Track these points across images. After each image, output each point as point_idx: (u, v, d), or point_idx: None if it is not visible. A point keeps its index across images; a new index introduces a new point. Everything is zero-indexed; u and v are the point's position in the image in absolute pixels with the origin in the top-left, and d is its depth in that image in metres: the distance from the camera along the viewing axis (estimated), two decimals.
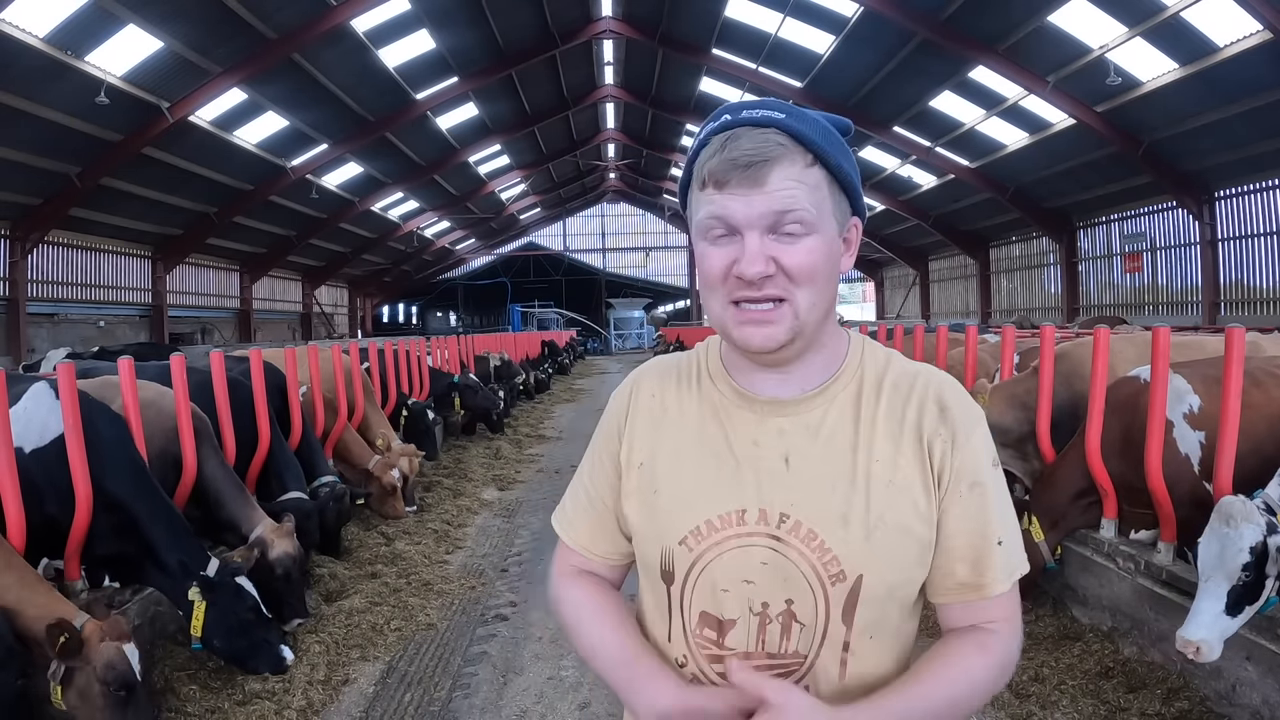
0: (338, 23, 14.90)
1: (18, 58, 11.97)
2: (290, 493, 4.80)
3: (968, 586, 1.00)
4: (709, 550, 1.00)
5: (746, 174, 0.93)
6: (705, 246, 0.98)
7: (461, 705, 3.43)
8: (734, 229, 0.95)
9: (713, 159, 0.95)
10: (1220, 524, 2.69)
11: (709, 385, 1.08)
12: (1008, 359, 4.97)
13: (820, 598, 0.98)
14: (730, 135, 0.95)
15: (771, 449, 1.01)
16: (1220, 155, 15.34)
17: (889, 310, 34.80)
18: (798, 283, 0.94)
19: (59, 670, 2.69)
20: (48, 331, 18.16)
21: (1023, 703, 3.21)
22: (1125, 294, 20.42)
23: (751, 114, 0.97)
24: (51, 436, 3.35)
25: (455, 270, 44.98)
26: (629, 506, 1.08)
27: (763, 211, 0.93)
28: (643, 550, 1.07)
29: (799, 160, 0.94)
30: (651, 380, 1.13)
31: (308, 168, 21.06)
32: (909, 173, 23.46)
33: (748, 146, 0.93)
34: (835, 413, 1.02)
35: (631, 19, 20.10)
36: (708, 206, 0.96)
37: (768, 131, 0.94)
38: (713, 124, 0.99)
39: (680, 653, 1.04)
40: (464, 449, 9.49)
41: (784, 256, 0.94)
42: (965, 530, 0.99)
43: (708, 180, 0.95)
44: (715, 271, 0.97)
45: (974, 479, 1.00)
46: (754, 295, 0.95)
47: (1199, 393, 3.52)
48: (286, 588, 3.84)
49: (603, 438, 1.14)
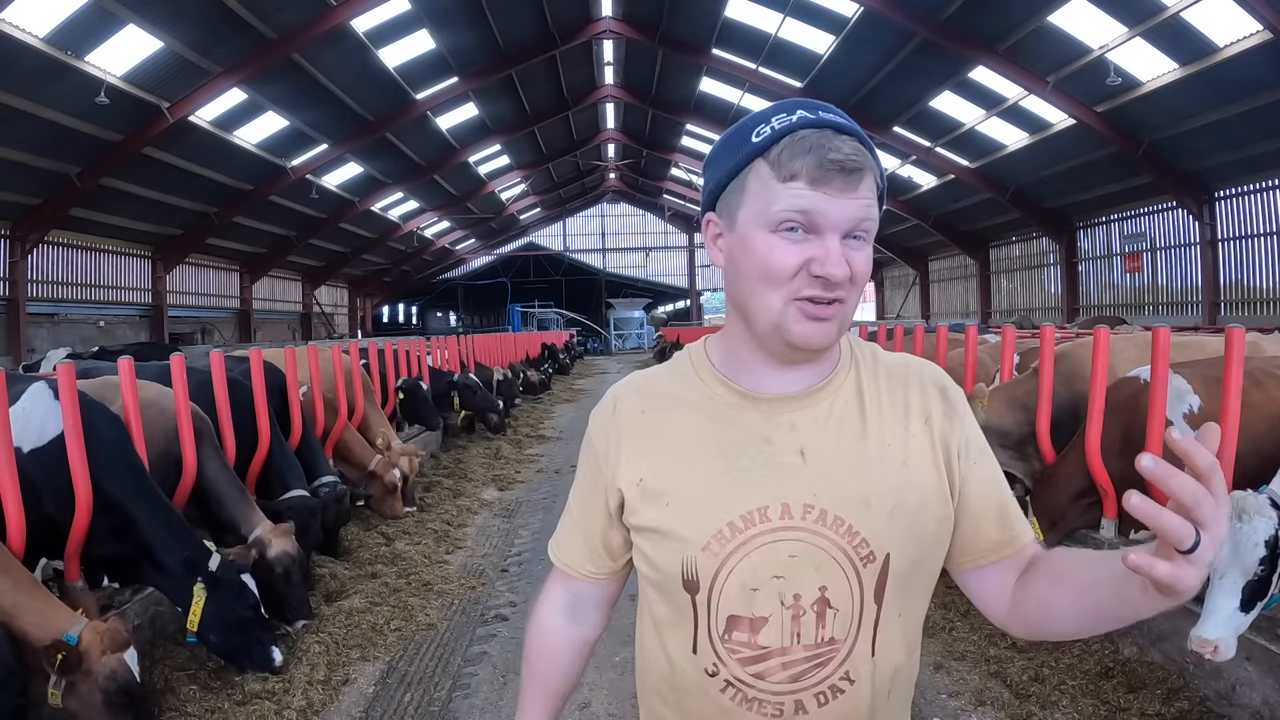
0: (338, 23, 14.90)
1: (18, 58, 11.97)
2: (292, 491, 4.80)
3: (1001, 543, 1.04)
4: (735, 552, 1.00)
5: (846, 178, 0.94)
6: (773, 239, 0.96)
7: (461, 705, 3.43)
8: (814, 227, 0.95)
9: (807, 155, 0.94)
10: (1232, 519, 2.67)
11: (705, 391, 1.07)
12: (1008, 359, 4.97)
13: (854, 580, 0.99)
14: (822, 134, 0.95)
15: (785, 444, 1.02)
16: (1220, 155, 15.34)
17: (889, 310, 34.81)
18: (855, 286, 0.98)
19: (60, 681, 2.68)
20: (48, 331, 18.16)
21: (1023, 703, 3.21)
22: (1125, 294, 20.42)
23: (832, 117, 0.97)
24: (50, 437, 3.35)
25: (455, 270, 44.98)
26: (637, 523, 1.06)
27: (851, 216, 0.95)
28: (657, 564, 1.05)
29: (874, 173, 0.98)
30: (635, 397, 1.12)
31: (308, 168, 21.07)
32: (909, 173, 23.47)
33: (849, 152, 0.94)
34: (841, 403, 1.05)
35: (631, 19, 20.11)
36: (792, 200, 0.94)
37: (854, 140, 0.96)
38: (788, 117, 0.97)
39: (710, 661, 1.02)
40: (464, 449, 9.49)
41: (855, 263, 0.96)
42: (986, 494, 1.05)
43: (799, 174, 0.94)
44: (787, 266, 0.95)
45: (980, 447, 1.07)
46: (825, 295, 0.96)
47: (1199, 393, 3.52)
48: (287, 588, 3.84)
49: (589, 462, 1.14)
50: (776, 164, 0.96)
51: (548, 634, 1.21)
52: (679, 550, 1.02)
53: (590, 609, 1.20)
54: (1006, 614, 1.04)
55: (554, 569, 1.21)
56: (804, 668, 0.99)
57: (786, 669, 0.99)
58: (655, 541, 1.05)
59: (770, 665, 0.99)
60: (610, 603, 1.21)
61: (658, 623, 1.08)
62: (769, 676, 0.99)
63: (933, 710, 3.30)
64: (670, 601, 1.05)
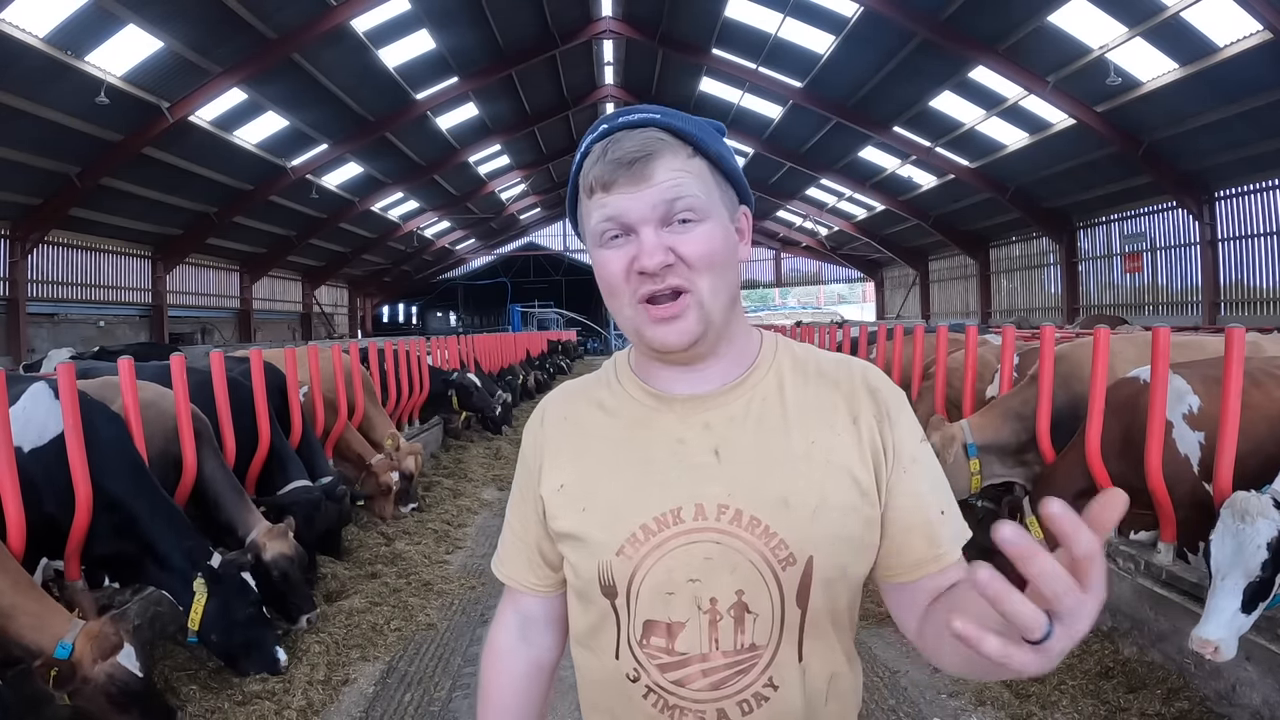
0: (338, 23, 14.89)
1: (18, 58, 11.96)
2: (294, 483, 4.80)
3: (924, 560, 0.99)
4: (649, 555, 0.97)
5: (631, 170, 0.93)
6: (602, 253, 0.97)
7: (461, 705, 3.43)
8: (628, 227, 0.95)
9: (596, 165, 0.96)
10: (1235, 520, 2.65)
11: (623, 394, 1.07)
12: (1007, 360, 4.97)
13: (772, 584, 0.96)
14: (610, 140, 0.96)
15: (699, 444, 1.00)
16: (1220, 155, 15.34)
17: (889, 310, 34.80)
18: (698, 270, 0.94)
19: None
20: (48, 331, 18.16)
21: (1023, 703, 3.21)
22: (1125, 294, 20.42)
23: (628, 118, 0.98)
24: (50, 436, 3.35)
25: (455, 270, 44.96)
26: (559, 529, 1.05)
27: (654, 203, 0.93)
28: (578, 570, 1.03)
29: (680, 152, 0.95)
30: (559, 404, 1.14)
31: (308, 168, 21.05)
32: (909, 173, 23.46)
33: (629, 145, 0.94)
34: (759, 402, 1.02)
35: (631, 19, 20.10)
36: (599, 211, 0.96)
37: (646, 130, 0.96)
38: (591, 135, 1.00)
39: (630, 667, 1.00)
40: (464, 449, 9.50)
41: (680, 245, 0.94)
42: (911, 506, 0.99)
43: (595, 185, 0.95)
44: (616, 273, 0.96)
45: (911, 455, 1.01)
46: (657, 288, 0.94)
47: (1199, 393, 3.51)
48: (287, 588, 3.84)
49: (522, 473, 1.15)
50: (584, 183, 0.99)
51: (500, 657, 1.16)
52: (594, 555, 1.00)
53: (541, 628, 1.16)
54: (915, 635, 1.00)
55: (503, 594, 1.19)
56: (725, 674, 0.96)
57: (707, 676, 0.96)
58: (573, 547, 1.03)
59: (690, 672, 0.97)
60: (560, 621, 1.16)
61: (583, 631, 1.06)
62: (689, 683, 0.97)
63: (933, 710, 3.30)
64: (593, 608, 1.03)
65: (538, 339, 22.49)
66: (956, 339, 5.96)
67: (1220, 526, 2.69)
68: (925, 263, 30.95)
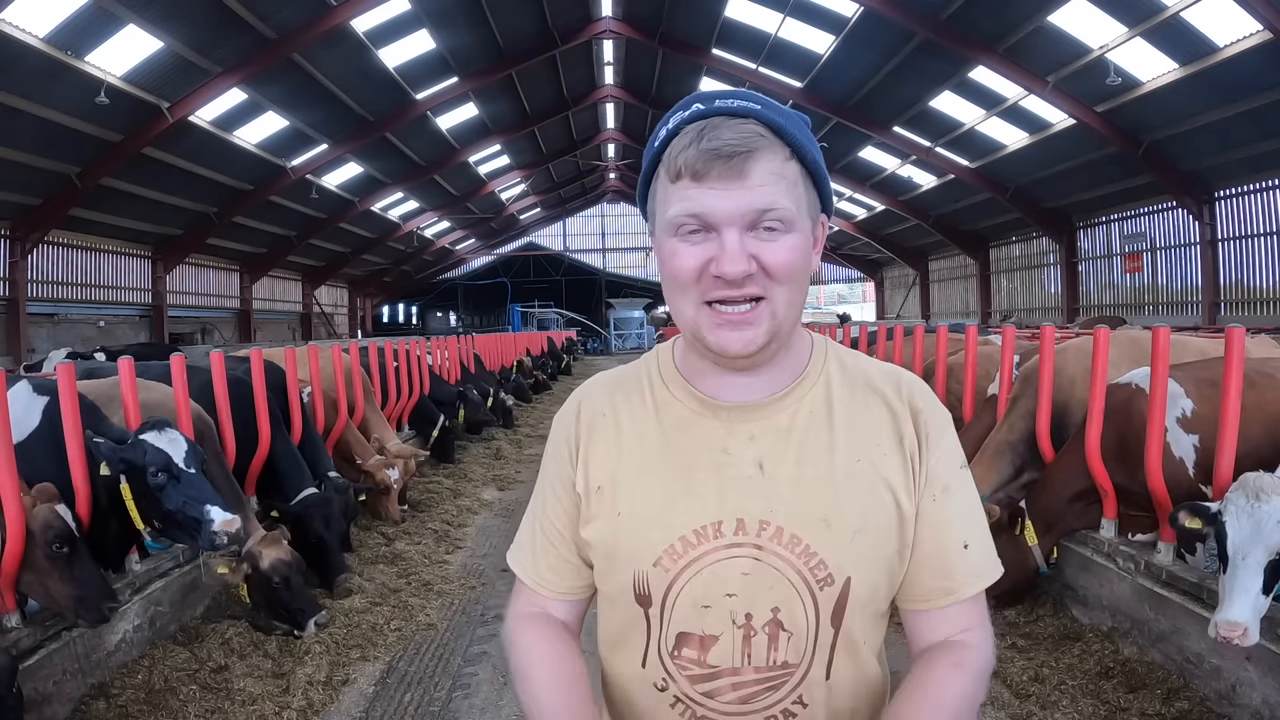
0: (338, 23, 14.89)
1: (18, 58, 11.96)
2: (305, 491, 4.84)
3: (937, 591, 0.98)
4: (687, 568, 0.95)
5: (729, 166, 0.87)
6: (675, 243, 0.91)
7: (461, 705, 3.43)
8: (710, 225, 0.89)
9: (689, 149, 0.88)
10: (1248, 499, 2.63)
11: (666, 395, 1.02)
12: (1007, 360, 4.97)
13: (809, 603, 0.94)
14: (707, 124, 0.89)
15: (743, 456, 0.96)
16: (1220, 155, 15.35)
17: (889, 310, 34.81)
18: (778, 280, 0.90)
19: None
20: (48, 331, 18.16)
21: (1023, 703, 3.21)
22: (1125, 294, 20.44)
23: (726, 103, 0.91)
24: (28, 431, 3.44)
25: (455, 270, 44.97)
26: (591, 533, 1.01)
27: (745, 209, 0.88)
28: (611, 576, 1.00)
29: (779, 154, 0.90)
30: (599, 398, 1.07)
31: (308, 168, 21.06)
32: (909, 173, 23.47)
33: (729, 137, 0.87)
34: (806, 414, 0.98)
35: (631, 19, 20.10)
36: (682, 202, 0.90)
37: (747, 122, 0.89)
38: (683, 112, 0.93)
39: (659, 676, 0.98)
40: (464, 449, 9.49)
41: (765, 254, 0.89)
42: (935, 536, 0.98)
43: (684, 171, 0.89)
44: (688, 269, 0.90)
45: (945, 483, 0.99)
46: (733, 295, 0.90)
47: (1192, 396, 3.51)
48: (289, 595, 3.86)
49: (553, 465, 1.07)
50: (668, 164, 0.92)
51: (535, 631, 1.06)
52: (630, 564, 0.98)
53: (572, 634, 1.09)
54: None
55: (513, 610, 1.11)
56: (755, 690, 0.96)
57: (736, 690, 0.96)
58: (607, 553, 1.00)
59: (720, 685, 0.96)
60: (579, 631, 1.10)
61: (612, 637, 1.04)
62: (718, 696, 0.96)
63: None
64: (623, 614, 1.00)
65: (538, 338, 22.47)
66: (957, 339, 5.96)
67: (1232, 508, 2.67)
68: (925, 263, 30.96)
